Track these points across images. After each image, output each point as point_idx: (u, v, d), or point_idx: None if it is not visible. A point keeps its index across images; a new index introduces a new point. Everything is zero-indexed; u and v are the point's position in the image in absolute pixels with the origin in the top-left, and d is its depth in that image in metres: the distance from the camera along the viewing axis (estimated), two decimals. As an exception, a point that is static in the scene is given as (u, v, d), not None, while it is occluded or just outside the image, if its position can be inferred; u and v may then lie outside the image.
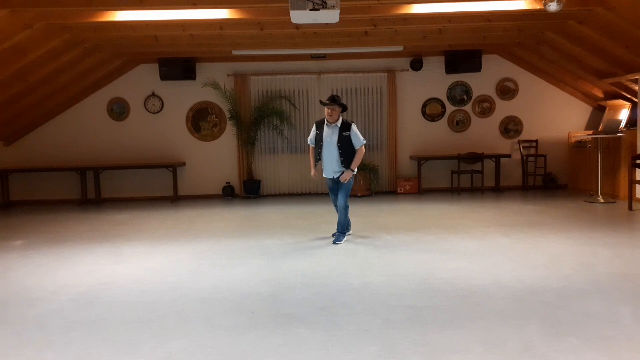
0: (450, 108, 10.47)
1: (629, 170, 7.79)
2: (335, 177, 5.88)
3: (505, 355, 2.94)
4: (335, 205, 6.05)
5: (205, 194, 10.40)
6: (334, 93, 5.96)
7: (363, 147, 5.84)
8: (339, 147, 5.75)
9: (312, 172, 6.07)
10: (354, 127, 5.81)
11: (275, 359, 3.00)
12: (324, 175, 6.02)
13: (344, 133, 5.75)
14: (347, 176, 5.76)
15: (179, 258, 5.48)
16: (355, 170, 5.85)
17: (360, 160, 5.86)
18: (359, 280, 4.47)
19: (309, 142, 6.12)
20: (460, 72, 10.10)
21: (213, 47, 8.99)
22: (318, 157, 5.96)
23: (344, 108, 5.87)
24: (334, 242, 5.88)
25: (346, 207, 5.93)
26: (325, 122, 5.82)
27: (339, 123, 5.78)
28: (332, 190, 6.09)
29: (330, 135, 5.78)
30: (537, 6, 6.65)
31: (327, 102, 5.75)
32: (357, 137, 5.79)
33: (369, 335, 3.27)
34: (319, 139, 5.89)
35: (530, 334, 3.22)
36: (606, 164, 8.76)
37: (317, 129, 5.94)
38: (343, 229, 6.00)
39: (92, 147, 10.23)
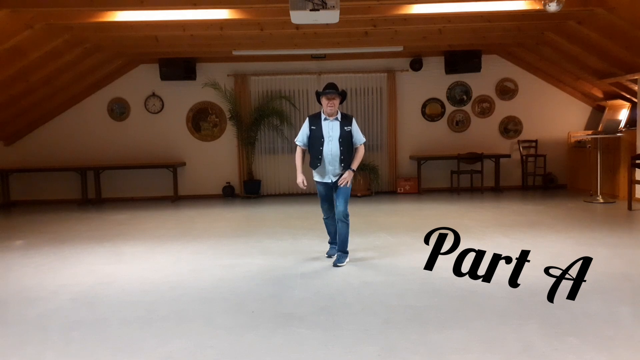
0: (450, 108, 10.47)
1: (628, 170, 7.79)
2: (333, 180, 4.94)
3: (505, 355, 2.95)
4: (328, 217, 5.19)
5: (206, 194, 10.40)
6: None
7: (363, 146, 5.06)
8: (341, 144, 4.87)
9: (301, 178, 5.01)
10: (354, 121, 5.03)
11: (275, 359, 3.00)
12: (318, 180, 5.02)
13: (345, 128, 4.89)
14: (348, 177, 4.88)
15: (180, 258, 5.48)
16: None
17: (360, 161, 5.06)
18: (359, 280, 4.47)
19: (298, 142, 5.05)
20: (460, 72, 10.10)
21: (213, 48, 9.00)
22: (317, 162, 4.93)
23: (343, 97, 4.99)
24: (336, 264, 4.98)
25: (347, 216, 5.02)
26: (323, 115, 4.92)
27: (338, 116, 4.92)
28: (326, 198, 5.09)
29: (331, 131, 4.88)
30: (537, 6, 6.65)
31: (328, 90, 4.86)
32: (359, 133, 5.01)
33: (369, 335, 3.27)
34: (316, 136, 4.91)
35: (530, 333, 3.23)
36: (606, 164, 8.77)
37: (311, 124, 4.95)
38: (345, 245, 5.09)
39: (93, 147, 10.23)
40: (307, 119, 5.05)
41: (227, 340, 3.27)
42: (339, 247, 5.09)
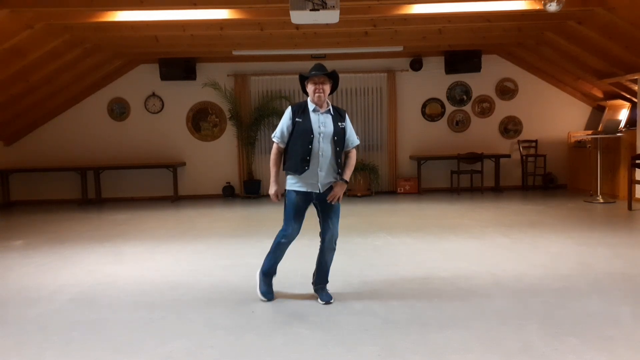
0: (450, 108, 10.47)
1: (628, 170, 7.79)
2: (322, 191, 3.78)
3: (505, 355, 2.95)
4: (289, 242, 3.89)
5: (206, 194, 10.40)
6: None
7: (355, 150, 3.95)
8: (336, 144, 3.75)
9: (274, 190, 3.84)
10: (348, 117, 3.93)
11: (275, 359, 3.00)
12: (298, 190, 3.78)
13: (339, 124, 3.78)
14: (341, 192, 3.78)
15: (180, 258, 5.48)
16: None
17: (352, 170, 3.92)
18: (359, 280, 4.47)
19: (277, 139, 3.88)
20: (460, 72, 10.11)
21: (213, 48, 9.00)
22: (305, 165, 3.72)
23: (335, 82, 3.85)
24: (328, 301, 3.87)
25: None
26: (311, 106, 3.78)
27: (330, 108, 3.82)
28: (300, 215, 3.81)
29: (323, 126, 3.73)
30: (537, 6, 6.66)
31: (315, 72, 3.73)
32: (353, 132, 3.91)
33: (369, 335, 3.27)
34: (303, 131, 3.73)
35: (530, 333, 3.22)
36: (606, 164, 8.77)
37: (295, 115, 3.77)
38: (327, 274, 4.01)
39: (93, 147, 10.23)
40: (290, 108, 3.83)
41: (227, 340, 3.27)
42: (323, 279, 4.00)
